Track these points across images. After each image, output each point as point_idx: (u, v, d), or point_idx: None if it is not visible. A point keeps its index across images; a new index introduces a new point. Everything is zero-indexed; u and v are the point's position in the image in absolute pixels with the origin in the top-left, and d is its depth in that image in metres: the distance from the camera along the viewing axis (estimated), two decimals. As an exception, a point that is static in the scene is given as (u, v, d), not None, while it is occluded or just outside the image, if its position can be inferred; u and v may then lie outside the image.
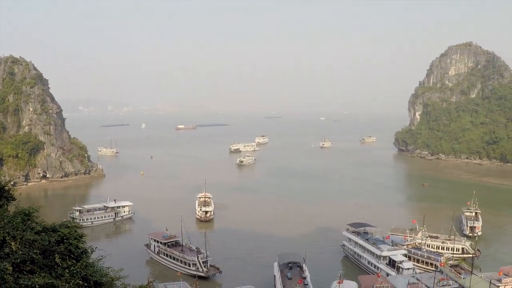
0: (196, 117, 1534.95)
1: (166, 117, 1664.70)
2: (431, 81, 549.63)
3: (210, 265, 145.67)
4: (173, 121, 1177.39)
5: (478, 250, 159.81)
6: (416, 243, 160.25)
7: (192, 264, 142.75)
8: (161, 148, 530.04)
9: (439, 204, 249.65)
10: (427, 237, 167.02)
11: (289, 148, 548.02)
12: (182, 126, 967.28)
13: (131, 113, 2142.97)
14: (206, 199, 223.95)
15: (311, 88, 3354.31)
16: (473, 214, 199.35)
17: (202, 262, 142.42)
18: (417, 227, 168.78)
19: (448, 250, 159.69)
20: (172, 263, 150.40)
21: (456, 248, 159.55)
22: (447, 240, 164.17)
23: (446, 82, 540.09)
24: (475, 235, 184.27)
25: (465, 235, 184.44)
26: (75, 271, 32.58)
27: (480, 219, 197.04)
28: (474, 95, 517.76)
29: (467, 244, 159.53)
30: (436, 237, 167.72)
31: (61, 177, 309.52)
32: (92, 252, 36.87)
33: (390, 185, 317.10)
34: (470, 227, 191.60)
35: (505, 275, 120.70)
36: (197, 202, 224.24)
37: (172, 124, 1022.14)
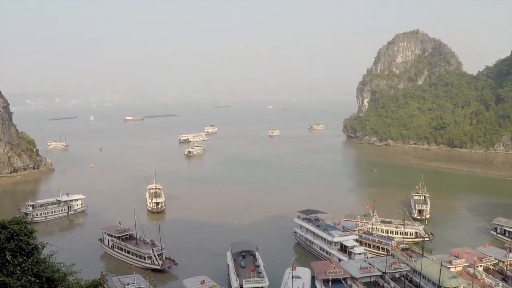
0: (145, 107, 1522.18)
1: (114, 108, 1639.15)
2: (379, 69, 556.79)
3: (166, 258, 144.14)
4: (121, 112, 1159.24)
5: (431, 233, 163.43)
6: (368, 229, 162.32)
7: (147, 257, 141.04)
8: (110, 140, 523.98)
9: (389, 189, 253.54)
10: (381, 222, 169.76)
11: (239, 137, 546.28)
12: (130, 118, 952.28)
13: (79, 105, 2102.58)
14: (157, 190, 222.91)
15: (259, 76, 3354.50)
16: (422, 197, 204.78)
17: (157, 254, 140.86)
18: (371, 212, 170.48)
19: (402, 234, 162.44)
20: (127, 257, 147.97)
21: (410, 233, 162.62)
22: (401, 224, 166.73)
23: (394, 70, 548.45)
24: (424, 218, 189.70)
25: (413, 218, 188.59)
26: (26, 268, 32.04)
27: (429, 202, 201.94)
28: (421, 82, 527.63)
29: (420, 228, 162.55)
30: (390, 222, 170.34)
31: (10, 173, 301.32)
32: (43, 248, 36.23)
33: (340, 172, 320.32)
34: (418, 210, 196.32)
35: (456, 257, 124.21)
36: (147, 193, 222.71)
37: (120, 116, 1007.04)
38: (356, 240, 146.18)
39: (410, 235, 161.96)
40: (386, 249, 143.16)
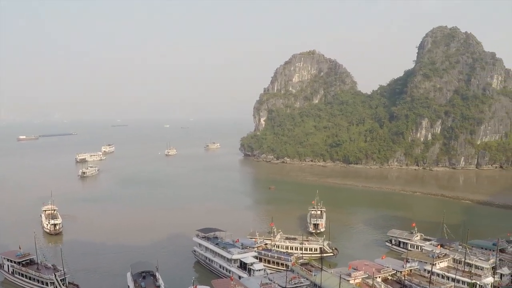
0: (41, 126, 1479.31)
1: (8, 127, 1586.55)
2: (276, 88, 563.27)
3: (69, 282, 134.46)
4: (15, 131, 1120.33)
5: (335, 249, 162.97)
6: (268, 245, 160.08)
7: (50, 282, 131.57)
8: (4, 160, 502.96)
9: (287, 206, 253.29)
10: (285, 239, 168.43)
11: (136, 156, 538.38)
12: (24, 137, 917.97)
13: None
14: (53, 211, 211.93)
15: (157, 94, 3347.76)
16: (318, 212, 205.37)
17: (60, 280, 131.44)
18: (274, 229, 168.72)
19: (307, 250, 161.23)
20: (29, 283, 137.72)
21: (314, 248, 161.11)
22: (305, 241, 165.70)
23: (290, 89, 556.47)
24: (318, 231, 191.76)
25: (309, 232, 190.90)
26: None
27: (324, 216, 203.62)
28: (317, 101, 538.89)
29: (325, 243, 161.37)
30: (294, 239, 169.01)
31: None
32: None
33: (238, 189, 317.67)
34: (313, 224, 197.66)
35: (354, 269, 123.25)
36: (43, 215, 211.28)
37: (14, 134, 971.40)
38: (256, 257, 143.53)
39: (314, 251, 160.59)
40: (286, 264, 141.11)
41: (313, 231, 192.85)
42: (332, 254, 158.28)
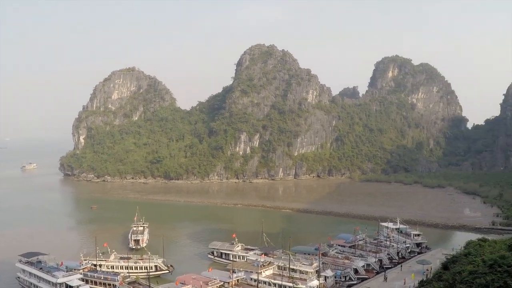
0: None
1: None
2: (95, 105, 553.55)
3: None
4: None
5: (171, 265, 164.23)
6: (95, 266, 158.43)
7: None
8: None
9: (111, 224, 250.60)
10: (120, 258, 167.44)
11: None
12: None
13: None
14: None
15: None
16: (140, 228, 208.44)
17: None
18: (109, 250, 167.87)
19: (143, 269, 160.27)
20: None
21: (150, 267, 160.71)
22: (140, 259, 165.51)
23: (109, 106, 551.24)
24: (139, 247, 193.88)
25: (130, 248, 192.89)
26: None
27: (146, 232, 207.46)
28: (136, 118, 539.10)
29: (159, 261, 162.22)
30: (129, 258, 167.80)
31: None
32: None
33: (58, 211, 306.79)
34: (134, 240, 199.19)
35: (182, 283, 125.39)
36: None
37: None
38: (82, 279, 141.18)
39: (150, 269, 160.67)
40: (113, 284, 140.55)
41: (134, 247, 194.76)
42: (168, 271, 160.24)
